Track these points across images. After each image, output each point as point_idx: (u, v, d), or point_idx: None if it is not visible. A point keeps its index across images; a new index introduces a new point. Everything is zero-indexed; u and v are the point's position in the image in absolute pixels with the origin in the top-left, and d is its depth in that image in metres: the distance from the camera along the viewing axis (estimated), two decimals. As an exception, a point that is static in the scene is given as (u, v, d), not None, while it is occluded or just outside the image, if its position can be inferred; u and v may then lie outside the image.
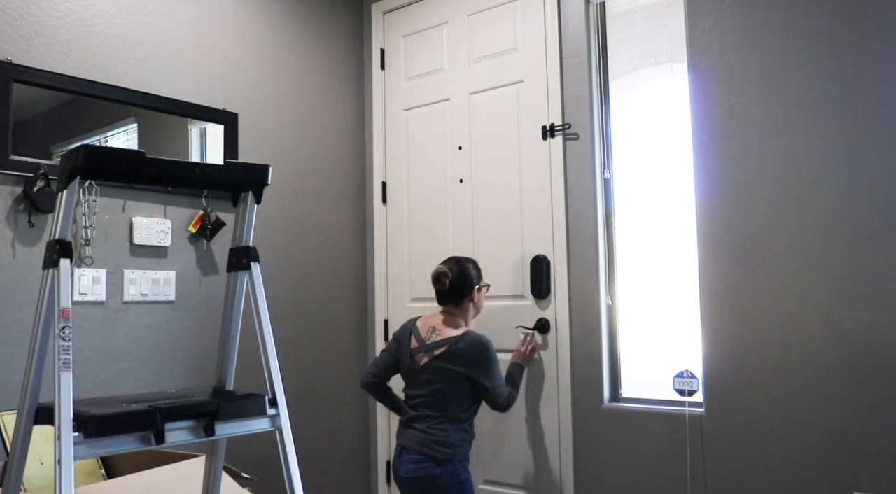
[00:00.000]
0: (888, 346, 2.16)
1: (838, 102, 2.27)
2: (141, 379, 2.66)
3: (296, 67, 3.31)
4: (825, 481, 2.25)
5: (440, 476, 2.40)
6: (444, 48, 3.32)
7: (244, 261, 1.68)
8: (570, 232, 2.86)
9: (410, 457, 2.44)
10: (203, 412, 1.49)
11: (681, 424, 2.54)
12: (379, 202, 3.52)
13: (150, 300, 2.69)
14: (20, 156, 2.36)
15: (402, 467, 2.46)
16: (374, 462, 3.47)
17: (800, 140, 2.34)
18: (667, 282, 2.64)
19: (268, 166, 1.67)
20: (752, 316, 2.40)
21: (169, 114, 2.78)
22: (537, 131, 2.96)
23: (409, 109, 3.44)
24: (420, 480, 2.41)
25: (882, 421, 2.16)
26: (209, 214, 2.85)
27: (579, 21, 2.88)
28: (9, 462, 1.50)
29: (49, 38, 2.48)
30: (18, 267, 2.37)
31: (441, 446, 2.42)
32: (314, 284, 3.31)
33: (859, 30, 2.24)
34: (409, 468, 2.43)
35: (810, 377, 2.29)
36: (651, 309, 2.69)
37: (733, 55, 2.49)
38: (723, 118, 2.50)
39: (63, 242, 1.43)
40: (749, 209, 2.43)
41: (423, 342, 2.54)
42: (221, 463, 1.77)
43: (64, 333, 1.36)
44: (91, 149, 1.40)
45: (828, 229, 2.28)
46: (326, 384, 3.33)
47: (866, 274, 2.20)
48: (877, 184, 2.20)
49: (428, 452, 2.42)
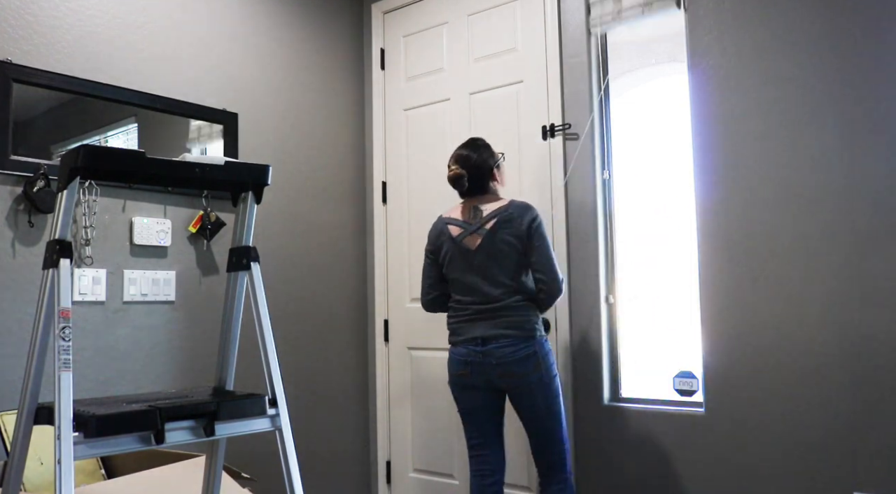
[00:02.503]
0: (888, 346, 2.16)
1: (839, 102, 2.27)
2: (141, 379, 2.66)
3: (296, 67, 3.31)
4: (825, 481, 2.25)
5: (539, 352, 2.30)
6: (443, 48, 3.32)
7: (244, 261, 1.68)
8: (569, 231, 2.86)
9: (500, 343, 2.29)
10: (203, 412, 1.50)
11: (681, 424, 2.54)
12: (379, 202, 3.52)
13: (150, 300, 2.69)
14: (20, 156, 2.36)
15: (494, 353, 2.29)
16: (374, 462, 3.47)
17: (800, 140, 2.34)
18: (667, 282, 2.64)
19: (268, 166, 1.67)
20: (752, 316, 2.40)
21: (169, 114, 2.78)
22: (537, 131, 2.96)
23: (409, 109, 3.44)
24: (517, 362, 2.28)
25: (882, 421, 2.16)
26: (209, 214, 2.85)
27: (579, 21, 2.88)
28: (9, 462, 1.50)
29: (49, 38, 2.48)
30: (18, 267, 2.37)
31: (528, 324, 2.31)
32: (314, 284, 3.31)
33: (860, 29, 2.24)
34: (507, 351, 2.28)
35: (810, 377, 2.29)
36: (651, 308, 2.69)
37: (733, 55, 2.48)
38: (723, 118, 2.50)
39: (63, 242, 1.43)
40: (749, 209, 2.43)
41: (469, 224, 2.41)
42: (221, 463, 1.77)
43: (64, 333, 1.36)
44: (91, 149, 1.40)
45: (828, 229, 2.28)
46: (326, 384, 3.33)
47: (866, 274, 2.20)
48: (877, 184, 2.20)
49: (518, 333, 2.29)
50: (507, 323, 2.30)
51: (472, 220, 2.40)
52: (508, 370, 2.29)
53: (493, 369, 2.31)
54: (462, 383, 2.39)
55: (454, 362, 2.40)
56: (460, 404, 2.44)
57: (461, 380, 2.39)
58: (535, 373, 2.28)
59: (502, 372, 2.30)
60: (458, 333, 2.40)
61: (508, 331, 2.29)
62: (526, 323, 2.31)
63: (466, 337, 2.36)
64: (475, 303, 2.37)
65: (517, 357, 2.28)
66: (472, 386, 2.37)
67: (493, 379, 2.32)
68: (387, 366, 3.43)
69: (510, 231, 2.34)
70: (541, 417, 2.33)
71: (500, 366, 2.29)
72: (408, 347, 3.35)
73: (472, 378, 2.35)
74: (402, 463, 3.35)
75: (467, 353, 2.35)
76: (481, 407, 2.40)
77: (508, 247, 2.33)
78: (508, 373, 2.29)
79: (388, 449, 3.40)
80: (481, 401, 2.39)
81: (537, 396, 2.31)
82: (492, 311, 2.34)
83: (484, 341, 2.32)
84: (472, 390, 2.38)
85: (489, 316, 2.33)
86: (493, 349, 2.30)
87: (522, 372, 2.28)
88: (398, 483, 3.36)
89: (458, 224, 2.43)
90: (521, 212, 2.36)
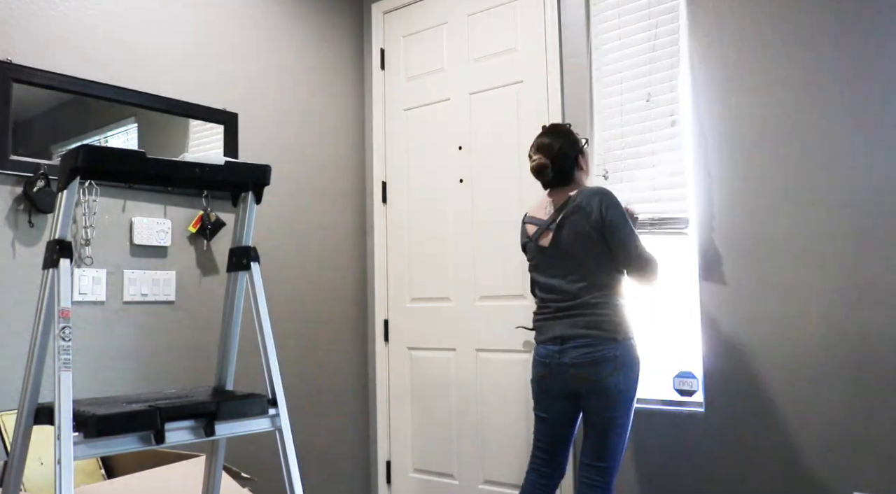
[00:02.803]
0: (888, 346, 2.16)
1: (839, 102, 2.27)
2: (141, 379, 2.66)
3: (296, 67, 3.31)
4: (825, 481, 2.25)
5: (620, 356, 2.12)
6: (443, 48, 3.32)
7: (244, 261, 1.68)
8: (570, 232, 2.85)
9: (577, 343, 2.15)
10: (203, 412, 1.50)
11: (681, 424, 2.54)
12: (379, 202, 3.52)
13: (150, 300, 2.69)
14: (20, 156, 2.36)
15: (569, 353, 2.16)
16: (374, 462, 3.47)
17: (800, 139, 2.34)
18: (667, 282, 2.64)
19: (268, 166, 1.67)
20: (752, 317, 2.40)
21: (169, 114, 2.78)
22: (537, 131, 2.96)
23: (409, 109, 3.44)
24: (593, 364, 2.12)
25: (882, 421, 2.16)
26: (209, 214, 2.85)
27: (579, 21, 2.88)
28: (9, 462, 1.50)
29: (49, 38, 2.48)
30: (18, 268, 2.37)
31: (609, 324, 2.15)
32: (314, 284, 3.31)
33: (861, 29, 2.24)
34: (582, 352, 2.13)
35: (810, 377, 2.29)
36: (651, 308, 2.69)
37: (733, 55, 2.49)
38: (723, 118, 2.50)
39: (63, 242, 1.43)
40: (749, 209, 2.43)
41: (542, 221, 2.31)
42: (221, 463, 1.77)
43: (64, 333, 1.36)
44: (91, 149, 1.40)
45: (828, 229, 2.28)
46: (326, 384, 3.33)
47: (866, 274, 2.20)
48: (878, 184, 2.20)
49: (598, 333, 2.14)
50: (586, 323, 2.16)
51: (545, 217, 2.30)
52: (582, 372, 2.15)
53: (567, 369, 2.18)
54: (541, 386, 2.28)
55: (535, 363, 2.30)
56: (537, 405, 2.32)
57: (542, 383, 2.27)
58: (612, 378, 2.12)
59: (576, 374, 2.17)
60: (540, 332, 2.30)
61: (587, 331, 2.16)
62: (605, 323, 2.15)
63: (547, 337, 2.25)
64: (555, 301, 2.25)
65: (593, 358, 2.13)
66: (550, 390, 2.25)
67: (568, 381, 2.19)
68: (387, 366, 3.43)
69: (581, 221, 2.19)
70: (603, 427, 2.15)
71: (574, 367, 2.16)
72: (408, 347, 3.35)
73: (550, 380, 2.23)
74: (402, 463, 3.35)
75: (546, 354, 2.24)
76: (558, 412, 2.27)
77: (582, 238, 2.19)
78: (582, 376, 2.15)
79: (388, 449, 3.40)
80: (557, 411, 2.27)
81: (608, 402, 2.14)
82: (569, 309, 2.21)
83: (563, 340, 2.20)
84: (550, 396, 2.26)
85: (567, 314, 2.21)
86: (569, 348, 2.17)
87: (596, 377, 2.12)
88: (398, 483, 3.36)
89: (535, 222, 2.34)
90: (589, 198, 2.20)
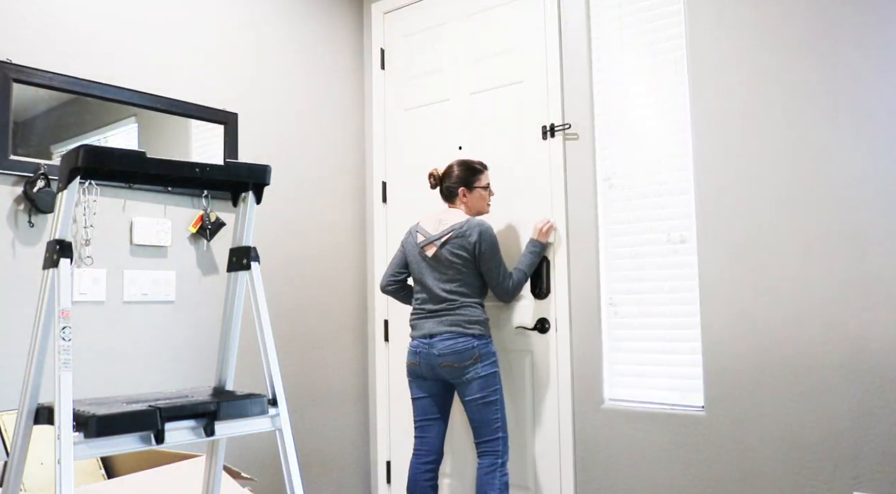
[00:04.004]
0: (888, 346, 2.16)
1: (839, 102, 2.27)
2: (141, 379, 2.66)
3: (296, 67, 3.31)
4: (825, 481, 2.25)
5: (478, 347, 2.61)
6: (444, 48, 3.32)
7: (244, 261, 1.68)
8: (569, 231, 2.86)
9: (443, 337, 2.63)
10: (203, 412, 1.49)
11: (681, 424, 2.54)
12: (379, 202, 3.52)
13: (150, 300, 2.69)
14: (20, 156, 2.36)
15: (437, 346, 2.63)
16: (374, 462, 3.47)
17: (800, 139, 2.34)
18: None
19: (268, 166, 1.67)
20: (752, 316, 2.40)
21: (169, 114, 2.78)
22: (537, 131, 2.96)
23: (409, 109, 3.44)
24: (458, 353, 2.60)
25: (882, 421, 2.16)
26: (209, 214, 2.85)
27: (579, 21, 2.88)
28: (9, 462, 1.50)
29: (49, 38, 2.48)
30: (18, 267, 2.37)
31: (472, 324, 2.64)
32: (314, 284, 3.31)
33: (861, 29, 2.24)
34: (447, 344, 2.62)
35: (810, 377, 2.29)
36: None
37: (733, 55, 2.49)
38: (723, 118, 2.50)
39: (63, 242, 1.43)
40: (749, 209, 2.43)
41: (430, 234, 2.74)
42: (221, 463, 1.77)
43: (64, 333, 1.36)
44: (91, 149, 1.40)
45: (828, 229, 2.28)
46: (326, 384, 3.33)
47: (866, 274, 2.20)
48: (877, 184, 2.20)
49: (460, 330, 2.62)
50: (451, 322, 2.64)
51: (434, 231, 2.73)
52: (447, 360, 2.62)
53: (434, 358, 2.64)
54: (414, 372, 2.73)
55: (409, 353, 2.75)
56: (412, 390, 2.77)
57: (414, 370, 2.73)
58: (472, 366, 2.60)
59: (441, 362, 2.63)
60: (414, 329, 2.74)
61: (451, 328, 2.63)
62: (467, 323, 2.64)
63: (420, 333, 2.71)
64: (428, 302, 2.71)
65: (457, 349, 2.60)
66: (421, 374, 2.71)
67: (436, 368, 2.65)
68: (387, 366, 3.43)
69: (461, 243, 2.66)
70: (477, 407, 2.62)
71: (441, 356, 2.62)
72: (408, 347, 3.35)
73: (421, 367, 2.69)
74: (402, 463, 3.35)
75: (419, 345, 2.70)
76: (427, 395, 2.73)
77: (458, 257, 2.66)
78: (446, 364, 2.62)
79: (388, 449, 3.40)
80: (427, 389, 2.73)
81: (475, 387, 2.61)
82: (439, 311, 2.68)
83: (431, 336, 2.67)
84: (421, 379, 2.73)
85: (436, 315, 2.68)
86: (436, 342, 2.64)
87: (459, 364, 2.60)
88: (398, 483, 3.36)
89: (423, 232, 2.76)
90: (472, 229, 2.67)
